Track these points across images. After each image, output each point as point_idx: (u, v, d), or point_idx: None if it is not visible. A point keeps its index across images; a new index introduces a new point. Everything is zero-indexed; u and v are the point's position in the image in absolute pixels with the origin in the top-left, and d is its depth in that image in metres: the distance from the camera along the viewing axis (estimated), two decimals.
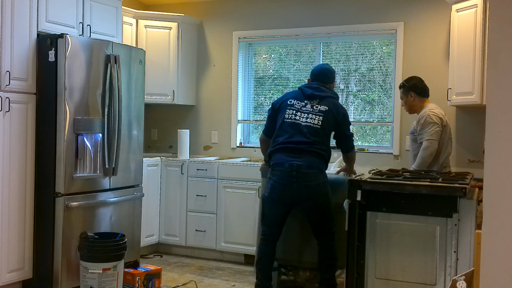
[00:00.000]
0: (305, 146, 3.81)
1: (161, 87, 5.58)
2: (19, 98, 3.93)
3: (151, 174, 5.24)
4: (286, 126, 3.90)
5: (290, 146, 3.83)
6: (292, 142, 3.84)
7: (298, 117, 3.89)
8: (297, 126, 3.86)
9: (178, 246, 5.38)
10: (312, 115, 3.87)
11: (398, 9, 5.06)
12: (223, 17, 5.81)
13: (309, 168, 3.77)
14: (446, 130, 4.18)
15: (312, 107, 3.90)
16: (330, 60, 5.44)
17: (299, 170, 3.76)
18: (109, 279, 3.77)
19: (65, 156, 3.99)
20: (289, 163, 3.79)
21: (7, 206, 3.85)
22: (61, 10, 4.23)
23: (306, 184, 3.77)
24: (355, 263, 3.31)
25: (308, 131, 3.84)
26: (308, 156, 3.79)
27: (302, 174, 3.76)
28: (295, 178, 3.76)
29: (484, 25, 4.18)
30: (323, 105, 3.90)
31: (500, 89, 1.53)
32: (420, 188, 3.18)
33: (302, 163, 3.76)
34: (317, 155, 3.81)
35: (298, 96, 3.99)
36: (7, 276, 3.88)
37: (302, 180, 3.76)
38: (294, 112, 3.91)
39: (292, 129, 3.87)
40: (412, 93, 4.29)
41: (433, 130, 4.06)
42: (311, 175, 3.78)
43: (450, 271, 3.09)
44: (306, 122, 3.86)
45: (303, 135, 3.83)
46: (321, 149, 3.83)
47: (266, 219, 3.94)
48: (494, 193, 1.54)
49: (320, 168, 3.82)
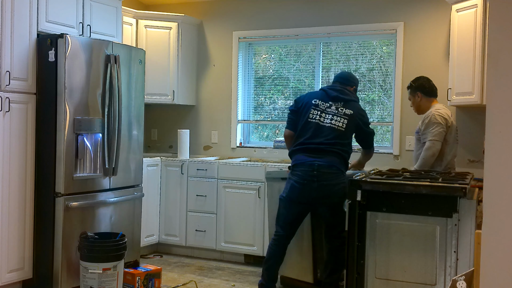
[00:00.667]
0: (326, 146, 3.83)
1: (161, 87, 5.58)
2: (19, 98, 3.93)
3: (151, 174, 5.24)
4: (309, 126, 3.91)
5: (311, 147, 3.85)
6: (314, 142, 3.86)
7: (322, 118, 3.90)
8: (321, 127, 3.88)
9: (178, 246, 5.38)
10: (337, 117, 3.90)
11: (398, 9, 5.06)
12: (223, 17, 5.81)
13: (330, 168, 3.79)
14: (451, 131, 4.13)
15: (337, 109, 3.92)
16: (330, 60, 5.44)
17: (320, 169, 3.77)
18: (109, 279, 3.77)
19: (65, 156, 3.99)
20: (309, 162, 3.80)
21: (7, 206, 3.85)
22: (61, 10, 4.23)
23: (327, 183, 3.78)
24: (355, 263, 3.31)
25: (331, 132, 3.86)
26: (329, 156, 3.81)
27: (323, 173, 3.78)
28: (315, 178, 3.77)
29: (484, 25, 4.18)
30: (348, 109, 3.93)
31: (500, 89, 1.53)
32: (420, 188, 3.18)
33: (323, 162, 3.78)
34: (338, 156, 3.84)
35: (323, 97, 3.99)
36: (7, 276, 3.88)
37: (323, 179, 3.78)
38: (318, 113, 3.92)
39: (315, 129, 3.89)
40: (419, 93, 4.25)
41: (436, 130, 4.03)
42: (331, 175, 3.80)
43: (450, 271, 3.09)
44: (330, 124, 3.88)
45: (325, 136, 3.86)
46: (342, 150, 3.86)
47: (281, 219, 3.93)
48: (494, 193, 1.54)
49: (340, 169, 3.84)
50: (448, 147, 4.11)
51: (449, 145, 4.11)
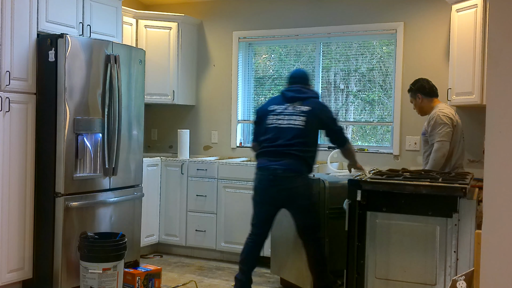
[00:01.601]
0: (285, 148, 3.79)
1: (161, 87, 5.58)
2: (19, 98, 3.93)
3: (151, 174, 5.24)
4: (269, 131, 3.90)
5: (272, 150, 3.84)
6: (273, 145, 3.84)
7: (280, 121, 3.88)
8: (280, 129, 3.85)
9: (178, 246, 5.38)
10: (294, 116, 3.85)
11: (398, 9, 5.06)
12: (223, 17, 5.81)
13: (286, 172, 3.75)
14: (457, 130, 4.12)
15: (294, 109, 3.89)
16: (330, 60, 5.44)
17: (276, 174, 3.77)
18: (109, 279, 3.77)
19: (65, 156, 3.99)
20: (267, 167, 3.82)
21: (7, 206, 3.85)
22: (61, 10, 4.23)
23: (283, 187, 3.77)
24: (355, 263, 3.31)
25: (290, 132, 3.82)
26: (287, 159, 3.77)
27: (279, 178, 3.76)
28: (272, 182, 3.78)
29: (484, 25, 4.18)
30: (306, 106, 3.88)
31: (500, 89, 1.53)
32: (420, 188, 3.18)
33: (279, 166, 3.76)
34: (296, 158, 3.78)
35: (279, 101, 4.00)
36: (7, 276, 3.88)
37: (279, 184, 3.77)
38: (276, 117, 3.91)
39: (275, 133, 3.87)
40: (420, 94, 4.26)
41: (443, 131, 4.03)
42: (287, 179, 3.76)
43: (450, 271, 3.09)
44: (288, 124, 3.84)
45: (285, 137, 3.82)
46: (303, 151, 3.79)
47: (254, 219, 3.95)
48: (494, 193, 1.54)
49: (298, 172, 3.78)
50: (455, 146, 4.11)
51: (456, 144, 4.11)
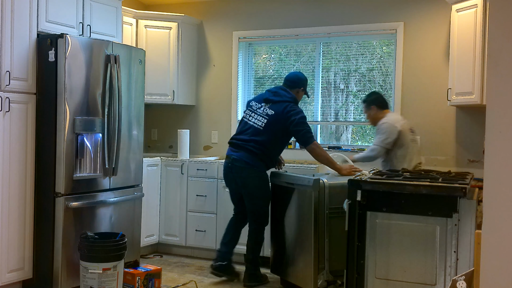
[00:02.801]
0: (243, 143, 4.38)
1: (161, 87, 5.58)
2: (19, 98, 3.93)
3: (151, 174, 5.24)
4: (241, 124, 4.53)
5: (234, 142, 4.47)
6: (237, 138, 4.47)
7: (250, 117, 4.44)
8: (246, 125, 4.44)
9: (178, 246, 5.38)
10: (259, 117, 4.39)
11: (398, 9, 5.06)
12: (223, 17, 5.81)
13: (239, 162, 4.36)
14: (404, 135, 4.39)
15: (263, 110, 4.40)
16: (330, 60, 5.44)
17: (233, 162, 4.39)
18: (109, 279, 3.77)
19: (65, 156, 3.99)
20: (228, 155, 4.46)
21: (7, 206, 3.85)
22: (61, 10, 4.23)
23: (237, 175, 4.38)
24: (355, 263, 3.31)
25: (251, 130, 4.38)
26: (243, 151, 4.36)
27: (235, 166, 4.38)
28: (230, 169, 4.44)
29: (484, 25, 4.18)
30: (272, 109, 4.36)
31: (500, 89, 1.53)
32: (420, 188, 3.18)
33: (236, 157, 4.38)
34: (250, 152, 4.34)
35: (259, 99, 4.50)
36: (7, 276, 3.88)
37: (234, 171, 4.39)
38: (249, 113, 4.47)
39: (242, 127, 4.49)
40: (374, 106, 4.57)
41: (381, 138, 4.40)
42: (240, 168, 4.35)
43: (450, 271, 3.09)
44: (253, 123, 4.40)
45: (246, 133, 4.41)
46: (255, 148, 4.33)
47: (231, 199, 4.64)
48: (494, 193, 1.54)
49: (250, 163, 4.32)
50: (405, 149, 4.38)
51: (405, 147, 4.38)
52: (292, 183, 4.17)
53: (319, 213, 3.92)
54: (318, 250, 3.92)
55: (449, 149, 4.86)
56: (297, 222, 4.13)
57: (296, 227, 4.16)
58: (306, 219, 4.00)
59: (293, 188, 4.16)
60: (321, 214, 3.93)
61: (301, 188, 4.05)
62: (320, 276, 3.92)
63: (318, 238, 3.92)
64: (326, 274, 3.91)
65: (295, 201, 4.16)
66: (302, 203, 4.07)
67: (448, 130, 4.86)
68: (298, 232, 4.14)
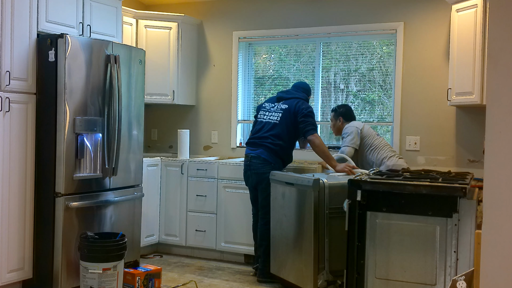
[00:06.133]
0: (260, 140, 4.56)
1: (161, 87, 5.58)
2: (19, 98, 3.93)
3: (151, 174, 5.24)
4: (257, 124, 4.70)
5: (252, 141, 4.65)
6: (255, 137, 4.64)
7: (265, 116, 4.64)
8: (262, 123, 4.63)
9: (178, 246, 5.38)
10: (275, 113, 4.60)
11: (398, 9, 5.06)
12: (223, 17, 5.81)
13: (257, 159, 4.52)
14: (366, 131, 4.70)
15: (277, 107, 4.62)
16: (330, 60, 5.44)
17: (251, 160, 4.56)
18: (109, 279, 3.77)
19: (65, 156, 3.99)
20: (247, 154, 4.64)
21: (7, 206, 3.85)
22: (61, 10, 4.23)
23: (255, 171, 4.53)
24: (355, 263, 3.31)
25: (267, 126, 4.58)
26: (261, 149, 4.53)
27: (253, 163, 4.54)
28: (249, 166, 4.59)
29: (484, 25, 4.18)
30: (285, 104, 4.59)
31: (500, 89, 1.53)
32: (420, 188, 3.18)
33: (254, 154, 4.55)
34: (267, 149, 4.52)
35: (272, 100, 4.73)
36: (7, 276, 3.88)
37: (253, 168, 4.55)
38: (264, 113, 4.68)
39: (259, 126, 4.66)
40: (341, 118, 4.86)
41: (347, 139, 4.67)
42: (258, 165, 4.52)
43: (450, 271, 3.09)
44: (269, 119, 4.60)
45: (263, 130, 4.58)
46: (273, 143, 4.51)
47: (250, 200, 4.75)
48: (494, 193, 1.54)
49: (268, 160, 4.49)
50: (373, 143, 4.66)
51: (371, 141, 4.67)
52: (292, 183, 4.17)
53: (319, 213, 3.92)
54: (318, 250, 3.92)
55: (449, 149, 4.86)
56: (297, 222, 4.13)
57: (296, 227, 4.16)
58: (306, 219, 4.01)
59: (293, 188, 4.16)
60: (321, 214, 3.93)
61: (301, 188, 4.05)
62: (320, 276, 3.93)
63: (318, 238, 3.92)
64: (326, 274, 3.92)
65: (295, 201, 4.16)
66: (302, 203, 4.07)
67: (448, 130, 4.86)
68: (298, 232, 4.14)
